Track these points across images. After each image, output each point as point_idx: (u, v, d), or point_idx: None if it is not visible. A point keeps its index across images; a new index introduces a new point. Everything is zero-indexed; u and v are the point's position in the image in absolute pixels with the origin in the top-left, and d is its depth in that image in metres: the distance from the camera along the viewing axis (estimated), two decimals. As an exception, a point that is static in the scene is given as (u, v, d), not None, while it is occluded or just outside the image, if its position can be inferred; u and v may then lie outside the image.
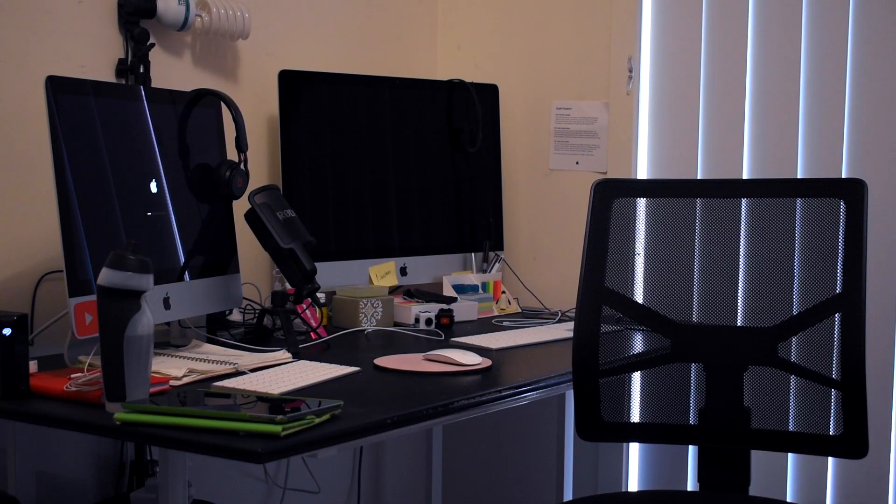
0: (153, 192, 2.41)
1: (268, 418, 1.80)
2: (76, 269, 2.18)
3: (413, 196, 3.16)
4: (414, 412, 2.05)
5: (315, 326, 2.70)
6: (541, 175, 3.39)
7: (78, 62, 2.57)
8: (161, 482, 2.01)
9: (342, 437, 1.91)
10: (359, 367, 2.35)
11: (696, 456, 2.79)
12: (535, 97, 3.38)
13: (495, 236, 3.32)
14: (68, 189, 2.18)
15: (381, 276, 3.05)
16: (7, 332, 2.05)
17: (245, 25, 2.86)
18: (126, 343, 1.91)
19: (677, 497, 2.67)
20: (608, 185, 2.39)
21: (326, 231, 2.95)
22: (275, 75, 2.89)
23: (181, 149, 2.51)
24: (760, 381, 2.31)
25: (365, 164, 3.07)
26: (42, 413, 2.03)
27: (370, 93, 3.09)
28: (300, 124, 2.93)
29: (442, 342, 2.70)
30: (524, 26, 3.41)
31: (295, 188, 2.89)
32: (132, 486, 2.64)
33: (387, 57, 3.38)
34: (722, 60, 3.08)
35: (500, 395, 2.25)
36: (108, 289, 1.92)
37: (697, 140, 3.11)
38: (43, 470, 2.46)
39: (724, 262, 2.39)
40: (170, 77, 2.74)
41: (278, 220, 2.54)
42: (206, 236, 2.54)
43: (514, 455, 3.45)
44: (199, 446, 1.83)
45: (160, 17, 2.70)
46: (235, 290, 2.62)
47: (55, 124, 2.18)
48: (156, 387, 2.04)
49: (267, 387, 2.12)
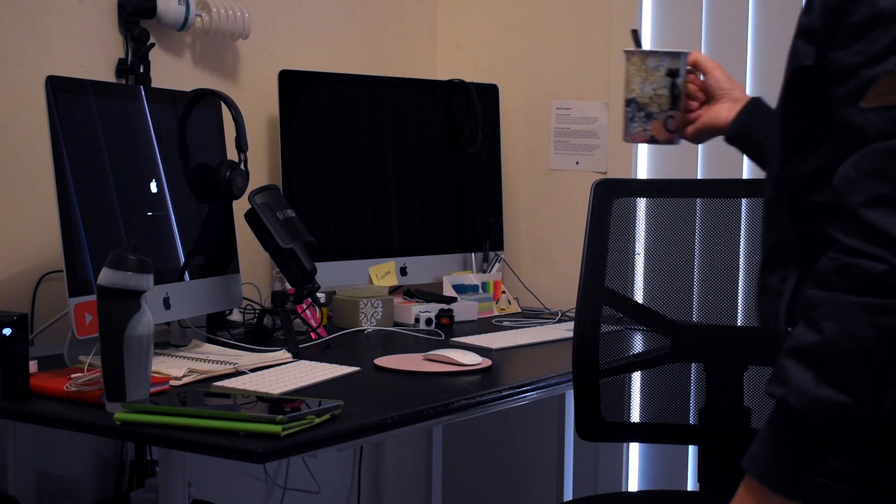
0: (153, 192, 2.41)
1: (268, 418, 1.80)
2: (76, 269, 2.18)
3: (413, 196, 3.16)
4: (414, 412, 2.05)
5: (315, 326, 2.70)
6: (541, 175, 3.38)
7: (78, 62, 2.57)
8: (161, 482, 2.01)
9: (342, 437, 1.91)
10: (359, 367, 2.35)
11: (696, 456, 2.79)
12: (535, 97, 3.37)
13: (495, 236, 3.32)
14: (68, 189, 2.18)
15: (381, 276, 3.05)
16: (7, 332, 2.05)
17: (245, 25, 2.86)
18: (126, 343, 1.91)
19: (677, 497, 2.67)
20: (608, 185, 2.39)
21: (326, 231, 2.95)
22: (275, 75, 2.89)
23: (181, 149, 2.51)
24: (760, 381, 2.31)
25: (365, 163, 3.07)
26: (42, 413, 2.03)
27: (370, 93, 3.09)
28: (300, 124, 2.93)
29: (442, 342, 2.70)
30: (524, 26, 3.40)
31: (295, 188, 2.89)
32: (132, 486, 2.64)
33: (387, 57, 3.38)
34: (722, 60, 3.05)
35: (500, 395, 2.25)
36: (108, 289, 1.92)
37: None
38: (43, 470, 2.46)
39: (724, 262, 2.39)
40: (170, 77, 2.74)
41: (278, 220, 2.54)
42: (206, 236, 2.54)
43: (514, 455, 3.45)
44: (199, 446, 1.83)
45: (160, 17, 2.70)
46: (235, 290, 2.62)
47: (55, 124, 2.17)
48: (156, 387, 2.04)
49: (267, 387, 2.12)
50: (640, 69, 1.82)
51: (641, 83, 1.82)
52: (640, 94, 1.83)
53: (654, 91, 1.82)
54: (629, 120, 1.84)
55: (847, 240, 1.23)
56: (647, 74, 1.82)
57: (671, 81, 1.82)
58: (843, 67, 1.28)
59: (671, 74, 1.82)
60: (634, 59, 1.83)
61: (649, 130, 1.83)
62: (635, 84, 1.82)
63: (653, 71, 1.82)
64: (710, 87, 1.83)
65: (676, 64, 1.83)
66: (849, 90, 1.27)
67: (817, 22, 1.33)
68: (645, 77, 1.82)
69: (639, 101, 1.83)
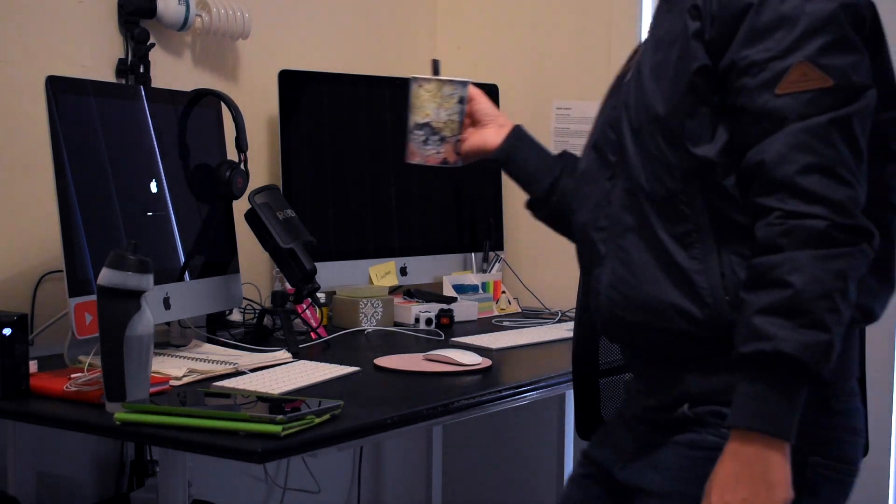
0: (153, 192, 2.41)
1: (268, 418, 1.80)
2: (76, 269, 2.18)
3: (413, 196, 3.16)
4: (414, 412, 2.05)
5: (315, 326, 2.70)
6: (541, 175, 3.38)
7: (78, 62, 2.57)
8: (161, 482, 2.01)
9: (342, 437, 1.91)
10: (359, 367, 2.35)
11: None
12: (535, 97, 3.37)
13: (495, 236, 3.32)
14: (68, 189, 2.18)
15: (381, 276, 3.05)
16: (7, 332, 2.05)
17: (245, 25, 2.86)
18: (126, 343, 1.91)
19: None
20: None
21: (326, 231, 2.95)
22: (275, 75, 2.89)
23: (181, 149, 2.51)
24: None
25: (365, 164, 3.07)
26: (42, 413, 2.03)
27: (370, 93, 3.09)
28: (300, 124, 2.93)
29: (442, 342, 2.70)
30: (524, 26, 3.40)
31: (295, 188, 2.89)
32: (132, 486, 2.64)
33: (387, 57, 3.38)
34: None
35: (500, 395, 2.25)
36: (108, 289, 1.92)
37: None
38: (43, 470, 2.46)
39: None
40: (170, 77, 2.74)
41: (278, 220, 2.54)
42: (206, 236, 2.54)
43: (514, 455, 3.45)
44: (199, 446, 1.83)
45: (160, 17, 2.70)
46: (235, 290, 2.62)
47: (55, 124, 2.18)
48: (156, 387, 2.04)
49: (267, 387, 2.12)
50: (435, 96, 1.97)
51: (437, 109, 1.97)
52: (435, 119, 1.97)
53: (448, 116, 1.97)
54: (422, 142, 1.98)
55: (787, 205, 1.44)
56: (443, 101, 1.97)
57: (461, 108, 1.99)
58: (753, 62, 1.49)
59: (461, 101, 1.99)
60: (429, 87, 1.97)
61: (442, 153, 1.98)
62: (430, 109, 1.97)
63: (448, 98, 1.98)
64: (478, 113, 2.01)
65: (466, 92, 1.99)
66: (762, 80, 1.48)
67: (709, 28, 1.54)
68: (440, 103, 1.97)
69: (433, 126, 1.97)
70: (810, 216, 1.43)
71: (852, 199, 1.45)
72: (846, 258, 1.43)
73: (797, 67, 1.46)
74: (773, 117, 1.47)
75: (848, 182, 1.45)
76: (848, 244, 1.43)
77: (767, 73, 1.48)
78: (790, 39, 1.48)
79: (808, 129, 1.45)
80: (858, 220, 1.45)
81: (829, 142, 1.45)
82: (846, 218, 1.44)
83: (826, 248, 1.42)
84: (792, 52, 1.48)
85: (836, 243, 1.43)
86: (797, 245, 1.43)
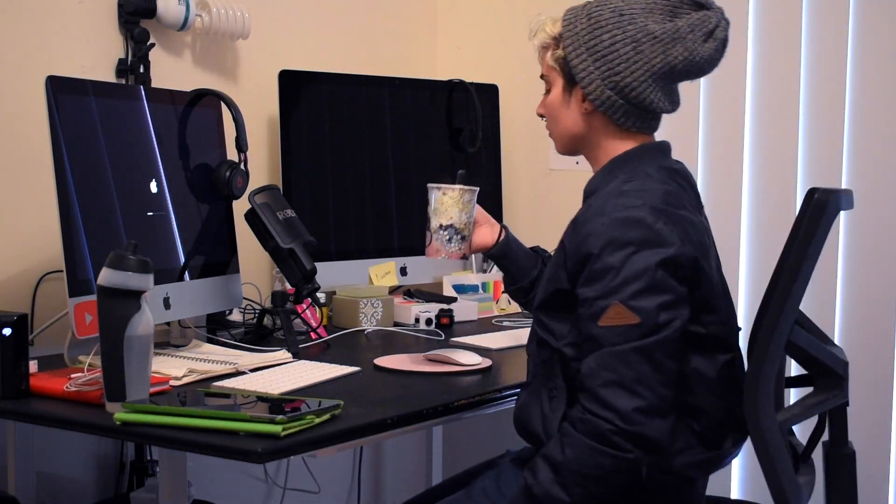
0: (153, 192, 2.41)
1: (268, 418, 1.80)
2: (76, 269, 2.18)
3: (413, 196, 3.16)
4: (414, 412, 2.05)
5: (315, 326, 2.70)
6: (541, 175, 3.38)
7: (78, 62, 2.57)
8: (161, 482, 2.01)
9: (342, 437, 1.91)
10: (359, 367, 2.35)
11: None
12: (535, 97, 3.36)
13: (495, 236, 3.32)
14: (68, 189, 2.18)
15: (381, 276, 3.05)
16: (7, 332, 2.05)
17: (245, 25, 2.86)
18: (126, 343, 1.91)
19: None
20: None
21: (326, 231, 2.95)
22: (275, 75, 2.89)
23: (181, 149, 2.51)
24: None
25: (365, 164, 3.07)
26: (42, 413, 2.03)
27: (370, 93, 3.09)
28: (300, 124, 2.93)
29: (442, 342, 2.70)
30: (524, 26, 3.39)
31: (295, 188, 2.89)
32: (132, 486, 2.64)
33: (387, 57, 3.38)
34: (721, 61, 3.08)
35: (500, 395, 2.25)
36: (108, 289, 1.92)
37: (697, 141, 3.11)
38: (43, 470, 2.47)
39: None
40: (170, 77, 2.74)
41: (278, 220, 2.54)
42: (206, 236, 2.54)
43: (514, 455, 3.45)
44: (199, 446, 1.83)
45: (160, 17, 2.70)
46: (235, 290, 2.62)
47: (55, 124, 2.18)
48: (156, 387, 2.04)
49: (267, 387, 2.12)
50: (458, 202, 2.28)
51: (459, 213, 2.29)
52: (458, 221, 2.29)
53: (467, 218, 2.30)
54: (447, 241, 2.29)
55: (588, 405, 1.86)
56: (464, 206, 2.29)
57: (474, 210, 2.32)
58: (586, 298, 1.91)
59: (473, 205, 2.31)
60: (453, 194, 2.28)
61: (462, 249, 2.31)
62: (453, 213, 2.29)
63: (467, 203, 2.30)
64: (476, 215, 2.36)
65: (476, 196, 2.31)
66: (590, 313, 1.90)
67: (570, 263, 1.95)
68: (462, 208, 2.29)
69: (456, 227, 2.29)
70: (600, 417, 1.84)
71: (641, 410, 1.84)
72: (612, 458, 1.83)
73: (613, 307, 1.87)
74: (594, 341, 1.89)
75: (641, 396, 1.84)
76: (620, 449, 1.83)
77: (594, 309, 1.89)
78: (612, 285, 1.87)
79: (614, 353, 1.86)
80: (643, 429, 1.83)
81: (628, 364, 1.85)
82: (630, 426, 1.83)
83: (601, 444, 1.84)
84: (612, 294, 1.87)
85: (610, 444, 1.83)
86: (583, 433, 1.85)
